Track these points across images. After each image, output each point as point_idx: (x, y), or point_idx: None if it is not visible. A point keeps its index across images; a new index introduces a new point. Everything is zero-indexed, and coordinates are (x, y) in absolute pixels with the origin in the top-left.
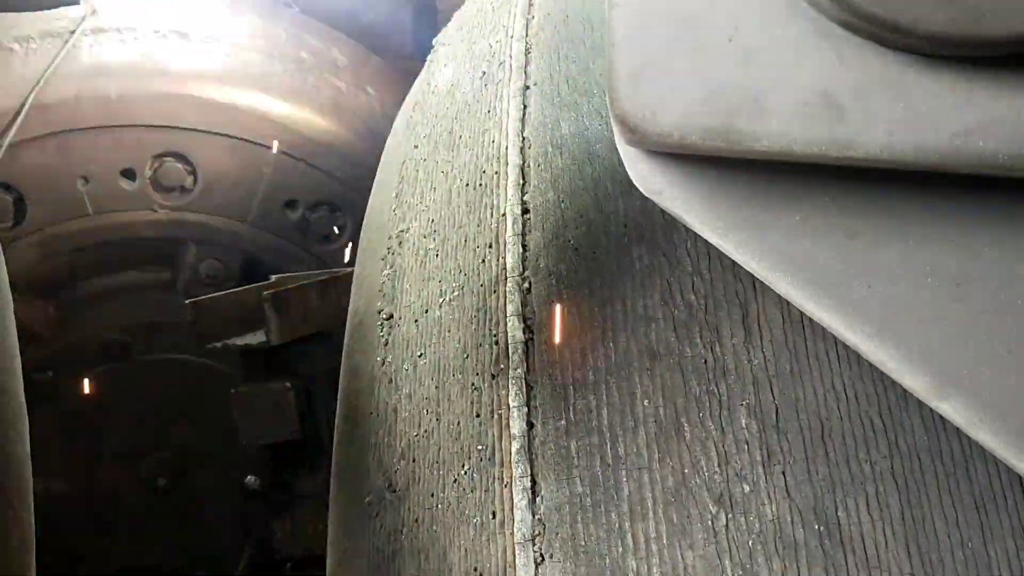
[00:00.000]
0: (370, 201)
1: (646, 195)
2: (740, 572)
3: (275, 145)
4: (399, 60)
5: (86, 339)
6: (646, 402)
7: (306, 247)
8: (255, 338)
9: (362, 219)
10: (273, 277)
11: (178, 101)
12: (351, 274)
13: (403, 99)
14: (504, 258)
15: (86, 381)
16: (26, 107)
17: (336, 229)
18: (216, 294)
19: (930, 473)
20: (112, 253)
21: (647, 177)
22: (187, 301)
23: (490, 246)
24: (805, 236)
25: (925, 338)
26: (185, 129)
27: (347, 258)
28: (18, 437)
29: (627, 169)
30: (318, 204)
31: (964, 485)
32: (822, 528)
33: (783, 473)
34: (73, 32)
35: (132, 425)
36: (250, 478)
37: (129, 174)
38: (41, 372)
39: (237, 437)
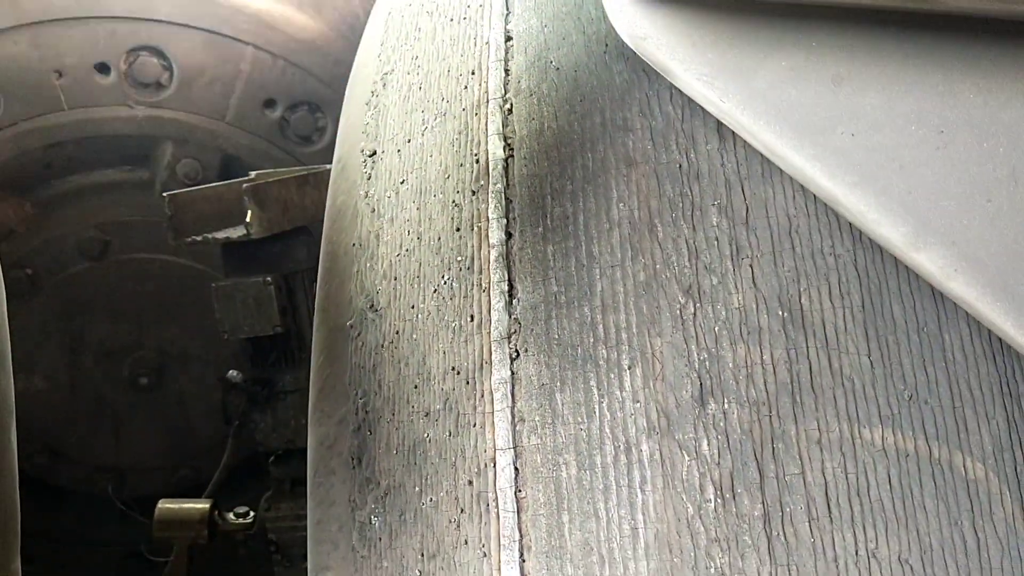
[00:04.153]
0: (355, 59)
1: (630, 45)
2: (705, 356)
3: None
4: None
5: (63, 237)
6: (621, 206)
7: (286, 148)
8: (235, 232)
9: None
10: (252, 174)
11: None
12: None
13: None
14: (486, 82)
15: (65, 279)
16: None
17: (317, 130)
18: (195, 188)
19: (891, 264)
20: (88, 150)
21: (632, 22)
22: (165, 194)
23: (472, 73)
24: (791, 83)
25: (906, 187)
26: (160, 22)
27: None
28: None
29: (610, 17)
30: (298, 104)
31: None
32: (786, 315)
33: (750, 266)
34: None
35: (113, 324)
36: (232, 372)
37: (103, 68)
38: (18, 269)
39: (218, 334)
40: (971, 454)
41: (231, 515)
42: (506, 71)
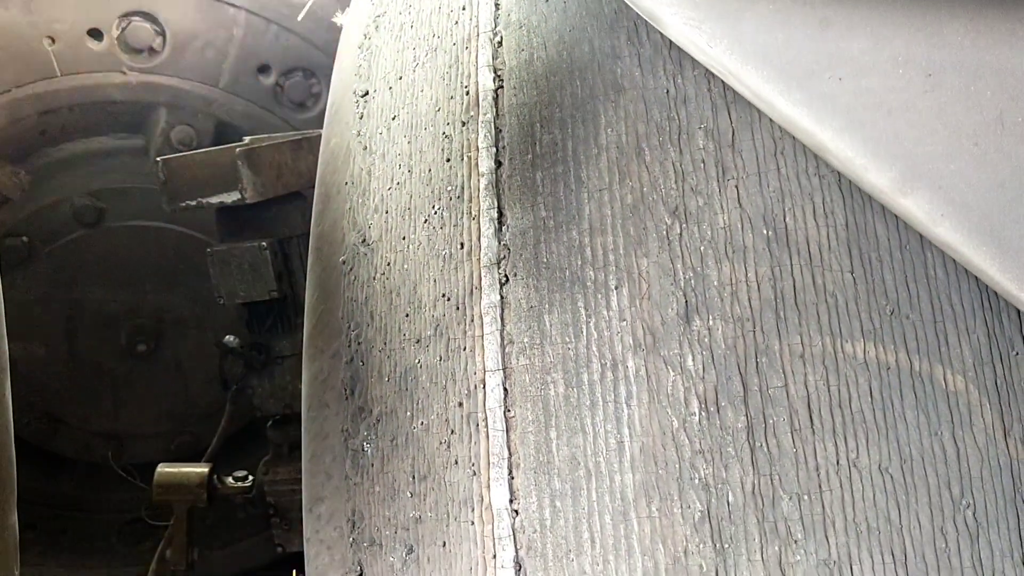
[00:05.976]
0: (349, 5)
1: None
2: (691, 275)
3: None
4: None
5: (58, 204)
6: (609, 131)
7: (280, 114)
8: (229, 197)
9: None
10: (246, 139)
11: None
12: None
13: None
14: (476, 16)
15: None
16: None
17: (311, 96)
18: (188, 152)
19: None
20: (82, 117)
21: None
22: (158, 159)
23: (463, 8)
24: (778, 26)
25: (893, 131)
26: None
27: None
28: None
29: None
30: (292, 69)
31: None
32: (770, 233)
33: (736, 187)
34: None
35: (110, 291)
36: (229, 337)
37: (96, 34)
38: (14, 237)
39: (214, 300)
40: (951, 367)
41: (230, 479)
42: (496, 5)
